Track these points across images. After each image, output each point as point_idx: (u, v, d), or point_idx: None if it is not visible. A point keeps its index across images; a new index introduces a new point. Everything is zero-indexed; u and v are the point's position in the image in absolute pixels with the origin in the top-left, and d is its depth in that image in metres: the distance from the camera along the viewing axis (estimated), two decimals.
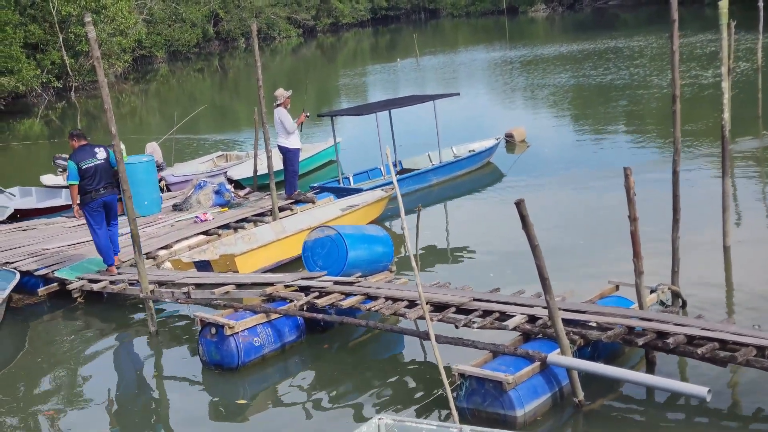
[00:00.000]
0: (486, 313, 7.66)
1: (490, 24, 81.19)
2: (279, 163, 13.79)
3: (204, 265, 10.86)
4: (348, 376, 7.90)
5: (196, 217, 13.05)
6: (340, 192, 14.50)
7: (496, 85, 31.91)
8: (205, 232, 12.37)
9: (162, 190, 15.75)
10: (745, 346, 6.36)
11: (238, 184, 15.90)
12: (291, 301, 8.67)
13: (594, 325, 7.12)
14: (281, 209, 13.04)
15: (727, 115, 9.72)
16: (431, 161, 16.50)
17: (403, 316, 7.94)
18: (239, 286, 9.42)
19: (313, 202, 13.59)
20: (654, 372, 7.03)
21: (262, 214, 13.18)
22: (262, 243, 11.37)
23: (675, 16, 7.88)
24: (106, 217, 10.62)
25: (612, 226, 10.90)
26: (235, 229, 12.58)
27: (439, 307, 7.90)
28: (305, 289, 8.95)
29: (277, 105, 13.47)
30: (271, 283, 9.17)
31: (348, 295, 8.60)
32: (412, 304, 8.06)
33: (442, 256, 11.57)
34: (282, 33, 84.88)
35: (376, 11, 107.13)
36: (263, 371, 8.17)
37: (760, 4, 17.87)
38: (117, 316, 10.31)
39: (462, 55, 48.19)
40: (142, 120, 36.43)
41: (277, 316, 8.47)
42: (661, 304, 8.02)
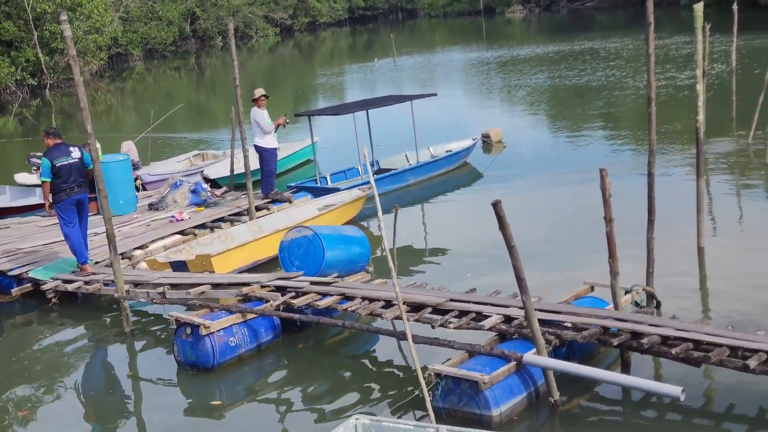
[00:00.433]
0: (462, 313, 7.68)
1: (468, 24, 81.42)
2: (256, 163, 13.75)
3: (180, 265, 10.79)
4: (325, 376, 7.89)
5: (172, 216, 12.97)
6: (317, 191, 14.47)
7: (473, 86, 32.02)
8: (181, 232, 12.29)
9: (138, 189, 15.64)
10: (719, 346, 6.42)
11: (215, 184, 15.82)
12: (267, 301, 8.64)
13: (569, 325, 7.16)
14: (258, 209, 12.99)
15: (702, 117, 9.80)
16: (408, 161, 16.53)
17: (379, 316, 7.94)
18: (215, 286, 9.37)
19: (290, 202, 13.56)
20: (629, 372, 7.07)
21: (239, 214, 13.12)
22: (239, 243, 11.32)
23: (651, 19, 7.94)
24: (78, 215, 10.56)
25: (587, 227, 10.98)
26: (212, 228, 12.52)
27: (415, 307, 7.91)
28: (282, 289, 8.92)
29: (253, 100, 13.54)
30: (247, 283, 9.13)
31: (324, 295, 8.59)
32: (389, 304, 8.07)
33: (419, 256, 11.58)
34: (259, 32, 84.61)
35: (353, 11, 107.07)
36: (239, 371, 8.13)
37: (735, 7, 18.11)
38: (92, 317, 10.22)
39: (439, 55, 48.31)
40: (118, 118, 36.13)
41: (253, 316, 8.44)
42: (636, 304, 8.08)
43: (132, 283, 9.70)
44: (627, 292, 7.93)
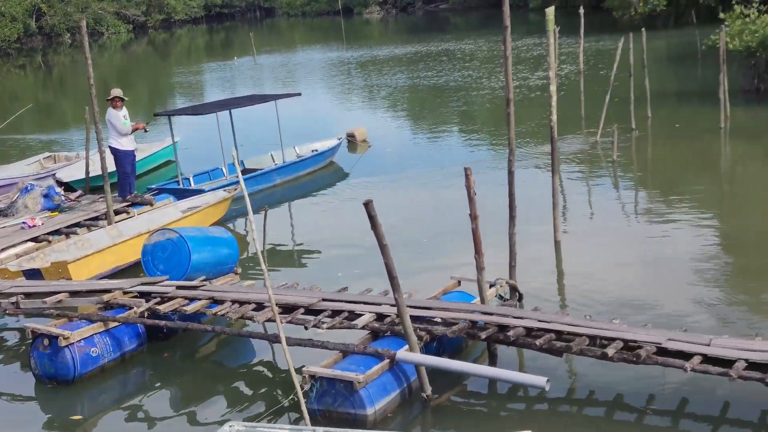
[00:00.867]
0: (335, 312, 7.68)
1: (326, 24, 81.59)
2: (113, 164, 13.22)
3: (34, 274, 10.24)
4: (195, 384, 7.69)
5: (24, 222, 12.32)
6: (181, 193, 14.09)
7: (335, 86, 32.12)
8: (34, 239, 11.72)
9: None
10: (579, 336, 6.73)
11: (69, 187, 15.09)
12: (131, 308, 8.32)
13: (439, 320, 7.30)
14: (117, 212, 12.51)
15: (555, 116, 10.26)
16: (274, 161, 16.38)
17: (251, 319, 7.81)
18: (73, 294, 8.92)
19: (152, 204, 13.13)
20: (496, 364, 7.30)
21: (96, 218, 12.61)
22: (97, 248, 10.87)
23: (507, 23, 8.20)
24: None
25: (451, 222, 11.25)
26: (67, 234, 11.98)
27: (287, 308, 7.84)
28: (146, 295, 8.61)
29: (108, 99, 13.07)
30: (108, 290, 8.75)
31: (192, 299, 8.36)
32: (260, 306, 7.95)
33: (289, 256, 11.50)
34: (111, 29, 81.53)
35: (209, 8, 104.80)
36: (102, 383, 7.81)
37: (581, 11, 19.09)
38: None
39: (299, 54, 48.14)
40: None
41: (115, 324, 8.12)
42: (500, 297, 8.35)
43: None
44: (491, 286, 8.16)
